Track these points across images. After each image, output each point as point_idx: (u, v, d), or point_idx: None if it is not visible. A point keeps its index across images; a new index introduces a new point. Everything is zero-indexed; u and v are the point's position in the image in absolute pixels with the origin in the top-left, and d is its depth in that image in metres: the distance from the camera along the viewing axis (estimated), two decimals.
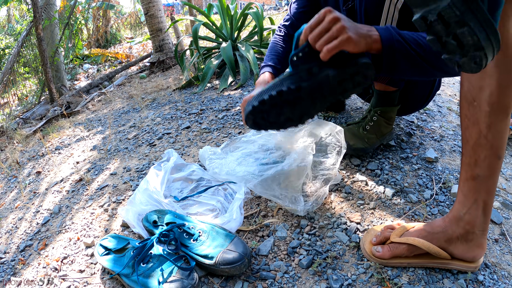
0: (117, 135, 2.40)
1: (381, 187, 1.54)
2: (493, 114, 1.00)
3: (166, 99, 3.01)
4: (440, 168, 1.71)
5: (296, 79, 1.07)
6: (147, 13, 4.47)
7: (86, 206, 1.65)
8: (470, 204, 1.10)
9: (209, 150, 1.61)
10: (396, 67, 1.13)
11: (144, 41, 7.66)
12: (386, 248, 1.18)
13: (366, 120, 1.72)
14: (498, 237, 1.38)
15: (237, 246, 1.18)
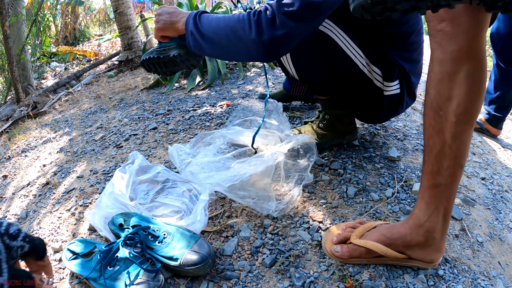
0: (84, 136, 2.38)
1: (344, 186, 1.58)
2: (459, 124, 1.01)
3: (134, 99, 2.99)
4: (403, 167, 1.76)
5: (158, 51, 1.46)
6: (116, 10, 4.42)
7: (53, 210, 1.63)
8: (431, 211, 1.12)
9: (178, 149, 1.61)
10: (197, 47, 1.32)
11: (113, 39, 7.57)
12: (345, 249, 1.21)
13: (320, 119, 1.79)
14: (458, 233, 1.43)
15: (201, 247, 1.19)
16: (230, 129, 1.74)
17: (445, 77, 1.00)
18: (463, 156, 1.05)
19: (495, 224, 1.56)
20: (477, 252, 1.37)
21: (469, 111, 1.00)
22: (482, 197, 1.72)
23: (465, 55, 0.95)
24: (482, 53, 0.97)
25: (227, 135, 1.69)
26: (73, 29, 8.03)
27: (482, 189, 1.79)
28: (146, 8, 12.13)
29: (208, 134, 1.70)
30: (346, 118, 1.78)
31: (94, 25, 9.13)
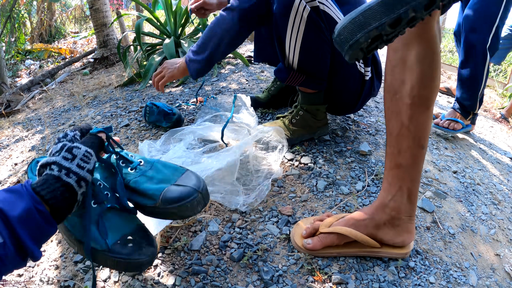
0: (56, 134, 2.35)
1: (314, 180, 1.60)
2: (414, 106, 1.05)
3: (107, 96, 2.97)
4: (373, 161, 1.78)
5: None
6: (92, 7, 4.37)
7: None
8: (395, 191, 1.16)
9: (148, 146, 1.61)
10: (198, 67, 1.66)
11: (89, 36, 7.48)
12: (316, 239, 1.22)
13: (293, 114, 1.80)
14: (430, 225, 1.46)
15: (188, 179, 0.99)
16: (200, 124, 1.74)
17: (399, 62, 1.05)
18: (423, 137, 1.10)
19: (467, 216, 1.59)
20: (449, 243, 1.40)
21: (423, 93, 1.05)
22: (454, 190, 1.76)
23: (415, 39, 1.01)
24: (432, 38, 1.01)
25: (197, 131, 1.70)
26: (48, 26, 7.90)
27: (454, 182, 1.82)
28: (124, 5, 12.02)
29: (178, 130, 1.70)
30: (321, 113, 1.81)
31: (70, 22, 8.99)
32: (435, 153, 2.08)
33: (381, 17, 0.77)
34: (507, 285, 1.35)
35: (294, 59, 1.57)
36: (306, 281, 1.17)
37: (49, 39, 7.98)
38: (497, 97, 4.92)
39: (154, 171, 1.00)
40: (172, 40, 3.20)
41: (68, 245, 1.32)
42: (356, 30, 0.80)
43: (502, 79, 5.80)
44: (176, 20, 3.53)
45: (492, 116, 4.10)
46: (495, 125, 3.61)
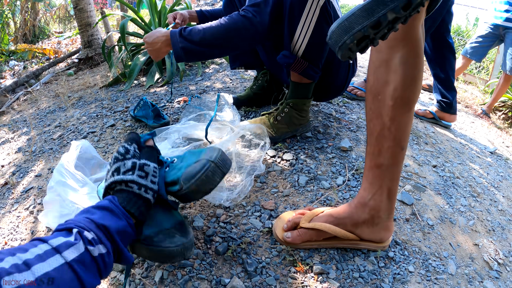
0: (42, 136, 2.36)
1: (295, 176, 1.64)
2: (396, 108, 1.07)
3: (93, 97, 2.98)
4: (354, 156, 1.82)
5: None
6: (76, 6, 4.35)
7: (12, 210, 1.64)
8: (375, 190, 1.18)
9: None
10: (190, 55, 1.58)
11: (73, 36, 7.43)
12: (296, 233, 1.26)
13: (278, 111, 1.83)
14: (409, 217, 1.50)
15: (204, 154, 1.04)
16: (185, 123, 1.77)
17: (382, 64, 1.06)
18: (403, 139, 1.11)
19: (446, 208, 1.64)
20: (428, 234, 1.44)
21: (406, 95, 1.06)
22: (433, 183, 1.80)
23: (400, 42, 1.02)
24: (417, 41, 1.03)
25: (181, 129, 1.72)
26: (32, 26, 7.82)
27: (433, 176, 1.87)
28: (108, 5, 11.94)
29: (163, 130, 1.72)
30: (306, 109, 1.85)
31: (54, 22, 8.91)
32: (415, 148, 2.13)
33: (363, 21, 0.84)
34: (486, 273, 1.39)
35: (301, 46, 1.62)
36: (288, 272, 1.21)
37: (33, 39, 7.90)
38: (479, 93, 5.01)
39: (182, 162, 1.06)
40: None
41: None
42: (343, 34, 0.87)
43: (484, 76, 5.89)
44: (161, 20, 3.55)
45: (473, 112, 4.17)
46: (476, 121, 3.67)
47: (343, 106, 2.43)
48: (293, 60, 1.63)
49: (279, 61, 1.65)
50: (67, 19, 8.67)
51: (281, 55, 1.65)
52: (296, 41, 1.61)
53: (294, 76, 1.76)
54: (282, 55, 1.64)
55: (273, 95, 2.28)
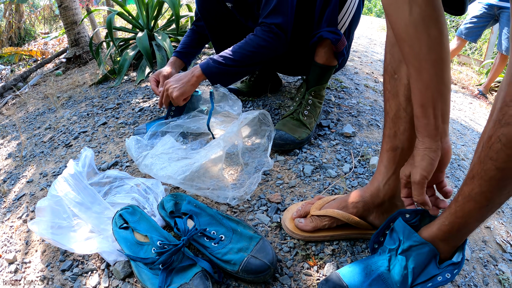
0: (32, 139, 2.28)
1: (300, 165, 1.58)
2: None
3: (82, 95, 2.89)
4: (358, 142, 1.76)
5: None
6: (61, 5, 4.23)
7: (5, 219, 1.55)
8: (390, 174, 1.13)
9: (135, 141, 1.54)
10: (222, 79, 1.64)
11: (60, 36, 7.31)
12: (308, 220, 1.21)
13: (303, 106, 1.72)
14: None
15: (263, 252, 1.11)
16: (186, 118, 1.70)
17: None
18: None
19: (454, 191, 1.58)
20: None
21: None
22: None
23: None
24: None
25: (183, 124, 1.67)
26: (17, 28, 7.69)
27: None
28: (94, 1, 11.78)
29: (164, 124, 1.67)
30: (323, 94, 1.78)
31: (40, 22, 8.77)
32: None
33: None
34: (499, 256, 1.36)
35: (346, 22, 1.59)
36: (302, 268, 1.15)
37: (18, 41, 7.77)
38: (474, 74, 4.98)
39: (233, 242, 1.14)
40: (145, 33, 3.13)
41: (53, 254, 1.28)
42: None
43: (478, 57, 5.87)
44: (149, 13, 3.46)
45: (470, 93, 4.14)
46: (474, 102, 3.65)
47: (342, 91, 2.37)
48: (341, 36, 1.57)
49: (325, 36, 1.56)
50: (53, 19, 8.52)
51: (325, 31, 1.56)
52: (343, 17, 1.57)
53: (321, 58, 1.66)
54: (327, 31, 1.56)
55: (268, 84, 2.20)
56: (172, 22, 3.66)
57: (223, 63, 1.59)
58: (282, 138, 1.62)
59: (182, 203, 1.27)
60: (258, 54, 1.60)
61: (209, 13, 1.87)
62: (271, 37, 1.57)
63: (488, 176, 0.76)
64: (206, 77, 1.61)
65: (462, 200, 0.84)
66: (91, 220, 1.23)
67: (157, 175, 1.35)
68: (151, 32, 3.43)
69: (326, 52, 1.63)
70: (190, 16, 3.59)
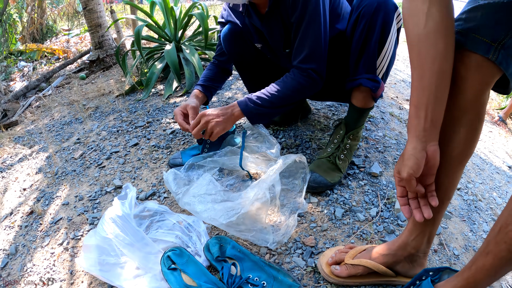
0: (62, 153, 2.30)
1: (331, 208, 1.60)
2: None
3: (110, 107, 2.92)
4: (384, 182, 1.78)
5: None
6: (86, 7, 4.29)
7: (44, 244, 1.57)
8: (418, 233, 1.20)
9: (173, 175, 1.57)
10: (260, 119, 1.67)
11: (82, 34, 7.37)
12: (344, 267, 1.28)
13: (341, 149, 1.75)
14: (437, 248, 1.49)
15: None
16: (222, 153, 1.74)
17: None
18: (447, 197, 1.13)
19: (469, 236, 1.63)
20: (454, 265, 1.44)
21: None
22: (458, 208, 1.79)
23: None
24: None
25: (220, 160, 1.71)
26: (40, 24, 7.74)
27: (458, 201, 1.86)
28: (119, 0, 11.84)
29: (201, 158, 1.71)
30: (360, 135, 1.81)
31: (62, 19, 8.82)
32: None
33: None
34: None
35: (383, 68, 1.60)
36: None
37: (40, 38, 7.82)
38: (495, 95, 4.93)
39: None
40: (173, 46, 3.15)
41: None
42: None
43: None
44: (176, 25, 3.48)
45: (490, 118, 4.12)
46: (494, 129, 3.63)
47: (368, 121, 2.38)
48: (380, 83, 1.59)
49: (365, 84, 1.58)
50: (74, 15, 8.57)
51: (365, 79, 1.59)
52: (381, 61, 1.58)
53: (360, 102, 1.69)
54: (366, 79, 1.59)
55: (299, 113, 2.23)
56: (200, 34, 3.68)
57: (261, 105, 1.62)
58: (316, 181, 1.64)
59: (226, 247, 1.33)
60: (295, 97, 1.62)
61: (239, 55, 1.90)
62: (308, 81, 1.59)
63: (501, 255, 0.86)
64: (246, 116, 1.64)
65: (475, 270, 0.94)
66: (139, 259, 1.27)
67: (200, 215, 1.39)
68: (179, 44, 3.45)
69: (365, 96, 1.65)
70: (217, 29, 3.59)
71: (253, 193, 1.37)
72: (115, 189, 1.81)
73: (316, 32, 1.53)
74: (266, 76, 1.89)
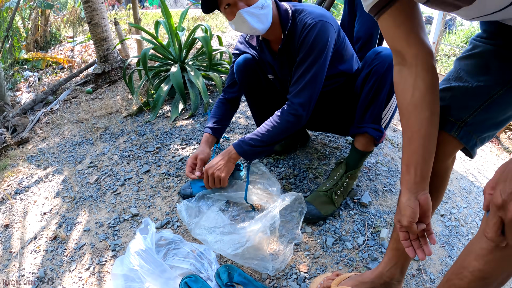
0: (77, 177, 2.47)
1: (323, 237, 1.80)
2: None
3: (119, 128, 3.08)
4: (373, 212, 1.96)
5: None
6: (91, 21, 4.43)
7: (71, 269, 1.74)
8: (392, 265, 1.40)
9: (185, 207, 1.81)
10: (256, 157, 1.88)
11: (86, 42, 7.50)
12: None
13: (338, 186, 1.93)
14: (415, 272, 1.67)
15: None
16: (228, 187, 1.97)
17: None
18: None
19: (447, 261, 1.79)
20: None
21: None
22: (439, 235, 1.95)
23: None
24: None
25: (226, 194, 1.93)
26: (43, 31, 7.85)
27: (440, 227, 2.00)
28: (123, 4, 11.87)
29: (210, 192, 1.95)
30: (358, 174, 2.02)
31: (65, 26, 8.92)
32: None
33: None
34: None
35: (387, 118, 1.83)
36: None
37: (44, 45, 7.93)
38: None
39: None
40: (178, 69, 3.31)
41: None
42: None
43: None
44: (181, 47, 3.64)
45: None
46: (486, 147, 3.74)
47: None
48: (383, 132, 1.80)
49: (370, 133, 1.79)
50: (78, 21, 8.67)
51: (371, 129, 1.79)
52: (386, 112, 1.80)
53: (362, 146, 1.87)
54: (372, 128, 1.79)
55: (298, 142, 2.43)
56: (203, 54, 3.82)
57: (254, 145, 1.82)
58: (310, 214, 1.84)
59: (234, 274, 1.56)
60: (283, 134, 1.81)
61: (250, 85, 2.08)
62: (294, 118, 1.77)
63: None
64: (242, 157, 1.85)
65: None
66: (160, 285, 1.47)
67: (210, 245, 1.63)
68: (183, 64, 3.61)
69: (367, 142, 1.85)
70: (220, 51, 3.75)
71: (256, 228, 1.60)
72: (132, 217, 1.98)
73: (314, 73, 1.71)
74: (274, 107, 2.08)
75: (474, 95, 1.06)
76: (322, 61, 1.70)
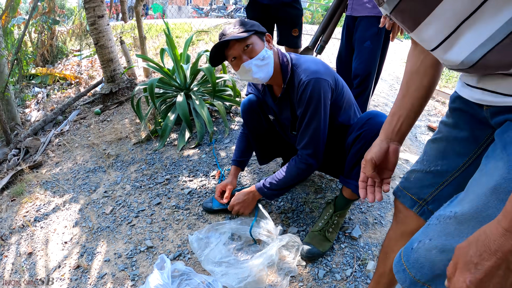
0: (93, 206, 2.68)
1: (316, 269, 2.02)
2: None
3: (129, 156, 3.30)
4: (362, 244, 2.18)
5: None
6: (97, 43, 4.60)
7: None
8: None
9: (196, 239, 2.10)
10: (275, 197, 2.26)
11: (91, 57, 7.66)
12: None
13: (329, 225, 2.17)
14: None
15: None
16: (234, 222, 2.24)
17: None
18: None
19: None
20: None
21: None
22: None
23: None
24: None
25: (233, 227, 2.20)
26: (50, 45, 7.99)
27: None
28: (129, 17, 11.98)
29: (218, 225, 2.21)
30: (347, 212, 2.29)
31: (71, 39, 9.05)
32: None
33: None
34: None
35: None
36: None
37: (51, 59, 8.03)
38: None
39: None
40: (184, 99, 3.51)
41: None
42: None
43: None
44: (186, 77, 3.86)
45: None
46: None
47: None
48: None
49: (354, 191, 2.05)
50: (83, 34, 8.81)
51: (354, 186, 2.01)
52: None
53: (349, 195, 2.13)
54: (355, 186, 2.00)
55: None
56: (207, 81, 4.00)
57: (272, 188, 2.16)
58: (311, 252, 2.07)
59: None
60: (297, 179, 2.11)
61: (253, 124, 2.36)
62: (306, 166, 2.04)
63: None
64: (263, 197, 2.25)
65: None
66: None
67: (218, 278, 1.89)
68: (188, 91, 3.81)
69: (353, 194, 2.10)
70: (224, 79, 3.97)
71: (257, 263, 1.87)
72: (147, 249, 2.21)
73: (315, 126, 1.94)
74: (273, 144, 2.43)
75: (433, 177, 1.23)
76: (320, 115, 1.91)
